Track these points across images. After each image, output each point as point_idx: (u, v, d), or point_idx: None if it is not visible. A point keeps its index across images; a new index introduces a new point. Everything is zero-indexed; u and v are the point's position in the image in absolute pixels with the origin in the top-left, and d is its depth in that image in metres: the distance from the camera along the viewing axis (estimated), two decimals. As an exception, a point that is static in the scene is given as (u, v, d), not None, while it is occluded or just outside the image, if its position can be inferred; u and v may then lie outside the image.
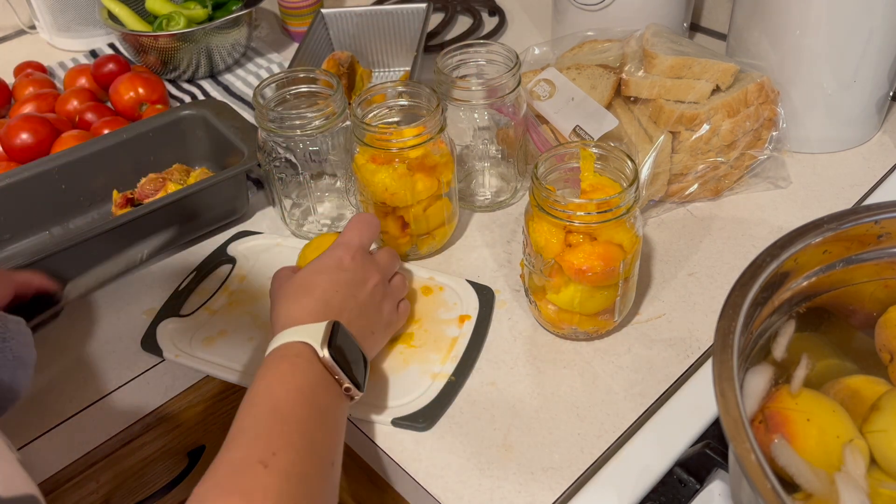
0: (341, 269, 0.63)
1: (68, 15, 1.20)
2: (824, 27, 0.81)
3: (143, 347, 0.72)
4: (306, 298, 0.61)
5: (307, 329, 0.58)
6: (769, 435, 0.50)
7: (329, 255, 0.64)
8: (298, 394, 0.54)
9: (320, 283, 0.62)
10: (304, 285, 0.62)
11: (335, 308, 0.61)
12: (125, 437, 0.68)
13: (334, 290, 0.62)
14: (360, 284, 0.64)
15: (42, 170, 0.84)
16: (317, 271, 0.63)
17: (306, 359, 0.56)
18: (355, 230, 0.67)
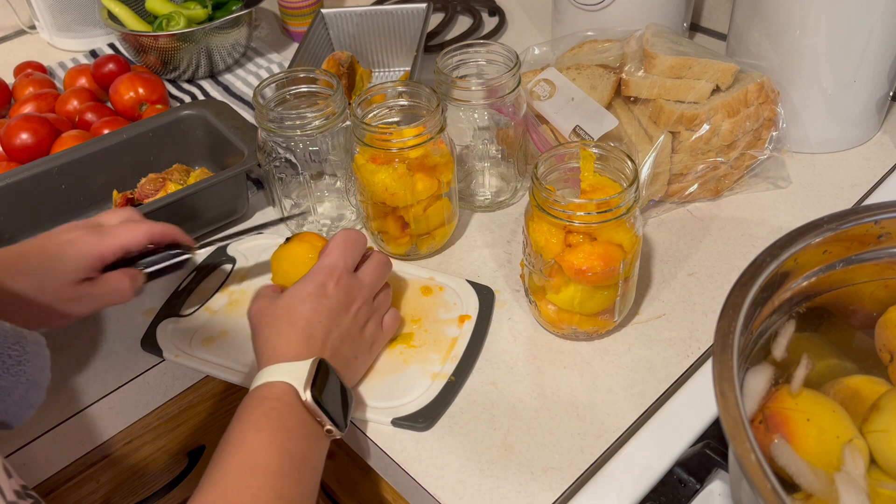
0: (324, 297, 0.62)
1: (68, 15, 1.20)
2: (824, 27, 0.81)
3: (143, 347, 0.72)
4: (290, 330, 0.60)
5: (291, 368, 0.57)
6: (769, 435, 0.50)
7: (312, 280, 0.63)
8: (272, 443, 0.54)
9: (304, 312, 0.61)
10: (288, 314, 0.61)
11: (318, 340, 0.60)
12: (125, 437, 0.68)
13: (318, 321, 0.61)
14: (343, 311, 0.63)
15: (42, 170, 0.84)
16: (301, 300, 0.62)
17: (287, 402, 0.56)
18: (339, 249, 0.65)
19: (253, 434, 0.54)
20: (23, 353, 0.54)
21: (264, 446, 0.53)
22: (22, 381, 0.54)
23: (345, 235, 0.66)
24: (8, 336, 0.53)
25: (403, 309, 0.73)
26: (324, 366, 0.59)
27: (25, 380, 0.54)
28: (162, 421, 0.70)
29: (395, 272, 0.77)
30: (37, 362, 0.55)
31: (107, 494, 0.70)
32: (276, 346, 0.59)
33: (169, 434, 0.72)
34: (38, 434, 0.66)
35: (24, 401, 0.54)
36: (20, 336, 0.54)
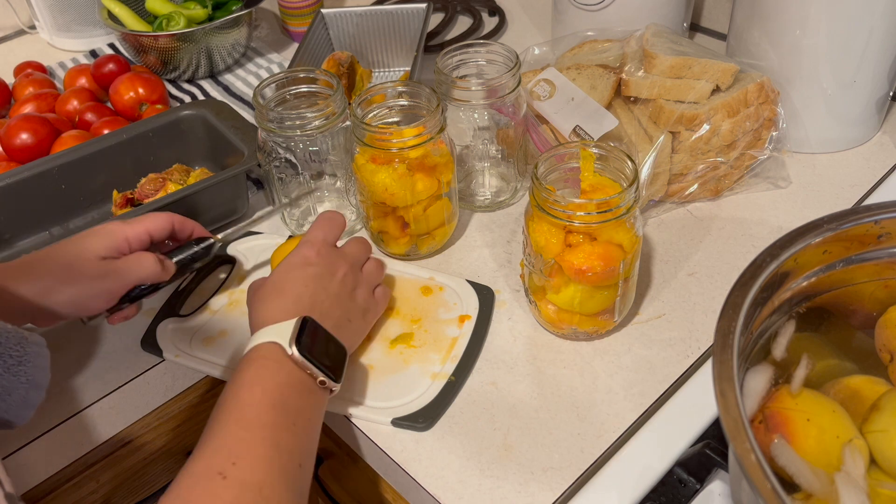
0: (308, 265, 0.64)
1: (68, 15, 1.20)
2: (824, 27, 0.81)
3: (143, 347, 0.72)
4: (278, 298, 0.62)
5: (277, 328, 0.58)
6: (769, 435, 0.50)
7: (294, 254, 0.65)
8: (264, 397, 0.54)
9: (289, 280, 0.63)
10: (275, 286, 0.63)
11: (306, 303, 0.62)
12: (125, 437, 0.68)
13: (303, 286, 0.63)
14: (329, 276, 0.64)
15: (42, 170, 0.84)
16: (285, 271, 0.64)
17: (275, 359, 0.57)
18: (318, 227, 0.68)
19: (245, 391, 0.55)
20: (24, 354, 0.54)
21: (256, 401, 0.54)
22: (22, 381, 0.54)
23: (324, 215, 0.69)
24: (10, 337, 0.54)
25: (403, 309, 0.73)
26: (310, 322, 0.59)
27: (26, 380, 0.54)
28: (162, 421, 0.70)
29: (395, 272, 0.77)
30: (37, 363, 0.55)
31: (107, 494, 0.70)
32: (265, 314, 0.61)
33: (169, 434, 0.72)
34: (38, 434, 0.66)
35: (24, 401, 0.55)
36: (21, 337, 0.55)
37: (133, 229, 0.68)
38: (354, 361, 0.69)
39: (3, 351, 0.53)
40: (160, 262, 0.68)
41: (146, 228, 0.68)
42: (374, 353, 0.69)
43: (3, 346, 0.53)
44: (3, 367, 0.53)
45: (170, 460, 0.74)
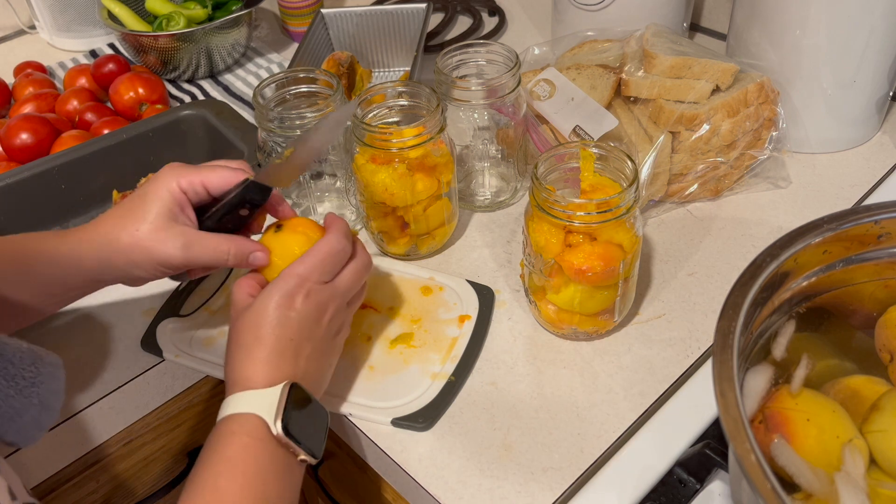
0: (292, 309, 0.57)
1: (68, 15, 1.20)
2: (824, 27, 0.81)
3: (143, 347, 0.72)
4: (258, 349, 0.56)
5: (260, 397, 0.54)
6: (769, 435, 0.50)
7: (280, 290, 0.58)
8: (246, 488, 0.51)
9: (272, 327, 0.57)
10: (256, 329, 0.57)
11: (289, 359, 0.57)
12: (125, 437, 0.68)
13: (287, 337, 0.57)
14: (315, 323, 0.59)
15: (42, 170, 0.84)
16: (267, 313, 0.57)
17: (257, 437, 0.53)
18: (314, 262, 0.59)
19: (226, 478, 0.51)
20: (37, 375, 0.53)
21: (237, 489, 0.51)
22: (34, 402, 0.53)
23: (328, 248, 0.60)
24: (24, 357, 0.53)
25: (403, 309, 0.73)
26: (295, 390, 0.55)
27: (38, 401, 0.53)
28: (162, 421, 0.70)
29: (395, 272, 0.77)
30: (51, 385, 0.54)
31: (107, 494, 0.70)
32: (244, 369, 0.56)
33: (169, 434, 0.72)
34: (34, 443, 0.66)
35: (35, 423, 0.53)
36: (36, 357, 0.54)
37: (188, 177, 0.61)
38: (355, 362, 0.69)
39: (16, 372, 0.52)
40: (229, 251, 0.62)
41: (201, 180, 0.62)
42: (374, 353, 0.69)
43: (15, 367, 0.52)
44: (15, 390, 0.52)
45: (170, 460, 0.74)
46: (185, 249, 0.60)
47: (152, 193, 0.61)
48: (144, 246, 0.60)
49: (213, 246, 0.61)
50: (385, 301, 0.74)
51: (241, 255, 0.62)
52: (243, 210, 0.63)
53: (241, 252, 0.62)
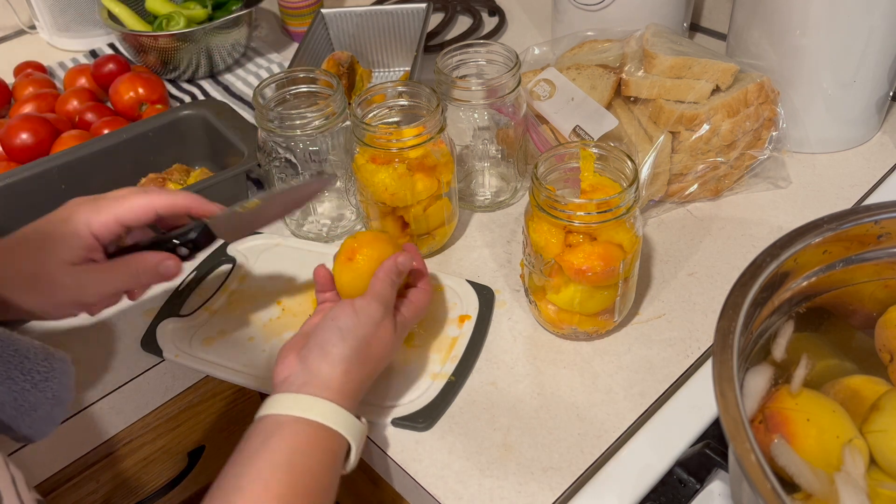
0: (386, 343, 0.59)
1: (68, 15, 1.20)
2: (824, 27, 0.81)
3: (143, 347, 0.72)
4: (360, 368, 0.57)
5: (352, 425, 0.55)
6: (769, 435, 0.50)
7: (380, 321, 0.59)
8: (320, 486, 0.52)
9: (375, 354, 0.58)
10: (364, 348, 0.57)
11: (366, 387, 0.58)
12: (125, 437, 0.68)
13: (376, 367, 0.59)
14: (391, 353, 0.61)
15: (42, 170, 0.84)
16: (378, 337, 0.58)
17: (337, 454, 0.54)
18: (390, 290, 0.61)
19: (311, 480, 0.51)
20: (50, 370, 0.54)
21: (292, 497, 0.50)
22: (48, 396, 0.53)
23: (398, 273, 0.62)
24: (37, 353, 0.53)
25: (403, 309, 0.73)
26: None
27: (51, 395, 0.54)
28: (162, 421, 0.70)
29: (395, 272, 0.77)
30: (62, 379, 0.55)
31: (107, 494, 0.70)
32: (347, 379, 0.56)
33: (169, 434, 0.72)
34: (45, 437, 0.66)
35: (48, 416, 0.54)
36: (48, 353, 0.54)
37: (100, 219, 0.58)
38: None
39: (32, 367, 0.53)
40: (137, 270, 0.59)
41: (116, 218, 0.58)
42: (374, 353, 0.69)
43: (31, 362, 0.53)
44: (31, 384, 0.52)
45: (170, 460, 0.74)
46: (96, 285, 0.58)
47: (57, 235, 0.57)
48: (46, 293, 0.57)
49: (120, 270, 0.59)
50: (385, 301, 0.74)
51: (150, 270, 0.60)
52: (183, 249, 0.61)
53: (147, 266, 0.59)
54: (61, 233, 0.57)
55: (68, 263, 0.57)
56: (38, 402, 0.53)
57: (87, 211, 0.58)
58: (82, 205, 0.59)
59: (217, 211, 0.62)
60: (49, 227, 0.58)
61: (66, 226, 0.57)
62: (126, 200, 0.59)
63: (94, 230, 0.58)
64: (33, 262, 0.57)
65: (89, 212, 0.58)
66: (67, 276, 0.57)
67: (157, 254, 0.60)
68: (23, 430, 0.53)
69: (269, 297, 0.76)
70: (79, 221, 0.58)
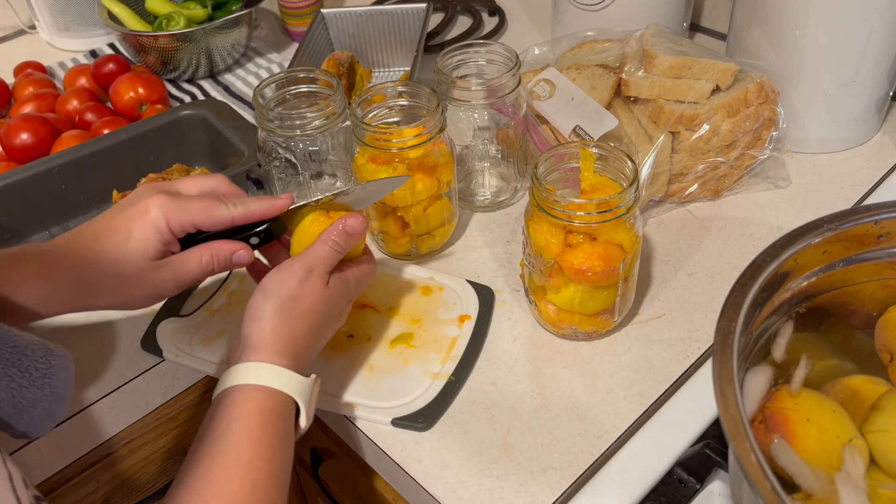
0: (311, 298, 0.59)
1: (68, 15, 1.20)
2: (824, 27, 0.81)
3: (143, 347, 0.72)
4: (285, 324, 0.57)
5: (300, 385, 0.56)
6: (769, 435, 0.50)
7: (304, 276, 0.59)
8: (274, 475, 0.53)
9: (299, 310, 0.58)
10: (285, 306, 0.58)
11: (316, 349, 0.60)
12: (125, 437, 0.68)
13: (307, 322, 0.59)
14: (324, 308, 0.60)
15: (42, 170, 0.84)
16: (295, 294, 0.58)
17: (285, 416, 0.55)
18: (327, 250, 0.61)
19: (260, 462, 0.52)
20: (49, 367, 0.54)
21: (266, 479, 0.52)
22: (46, 393, 0.54)
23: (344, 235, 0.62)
24: (36, 349, 0.54)
25: (403, 309, 0.73)
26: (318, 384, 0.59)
27: (50, 392, 0.54)
28: (162, 421, 0.70)
29: (394, 272, 0.77)
30: (61, 376, 0.55)
31: (107, 494, 0.70)
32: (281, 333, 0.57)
33: (169, 434, 0.72)
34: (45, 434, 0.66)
35: (47, 413, 0.54)
36: (47, 350, 0.54)
37: (179, 219, 0.59)
38: (355, 362, 0.69)
39: (30, 364, 0.53)
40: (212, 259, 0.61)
41: (194, 223, 0.60)
42: (374, 353, 0.69)
43: (29, 359, 0.53)
44: (29, 381, 0.53)
45: (170, 460, 0.74)
46: (175, 279, 0.60)
47: (138, 233, 0.58)
48: (133, 288, 0.59)
49: (196, 261, 0.60)
50: (385, 301, 0.74)
51: (225, 259, 0.62)
52: (255, 238, 0.63)
53: (222, 256, 0.61)
54: (141, 229, 0.58)
55: (150, 259, 0.59)
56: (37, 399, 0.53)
57: (166, 208, 0.59)
58: (160, 198, 0.59)
59: (288, 204, 0.63)
60: (129, 224, 0.59)
61: (145, 220, 0.58)
62: (206, 211, 0.60)
63: (172, 227, 0.59)
64: (116, 261, 0.58)
65: (168, 209, 0.59)
66: (150, 273, 0.59)
67: (231, 244, 0.62)
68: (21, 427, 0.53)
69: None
70: (159, 217, 0.59)
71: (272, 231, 0.63)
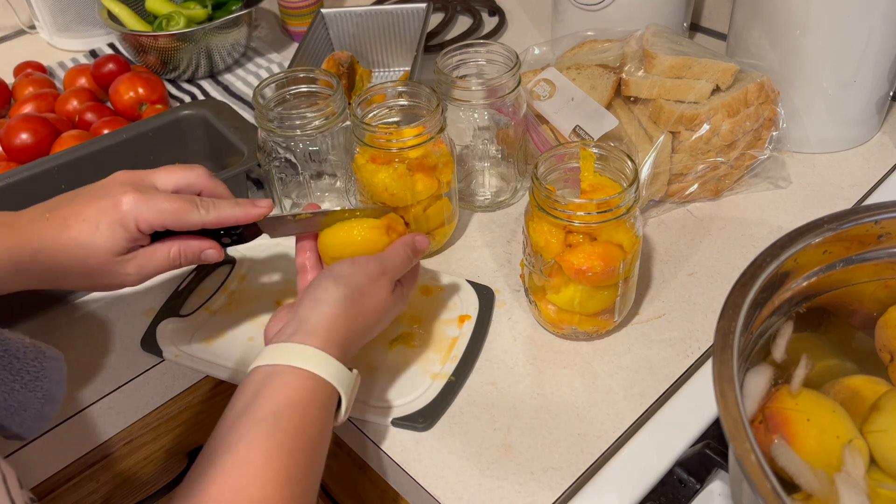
0: (377, 299, 0.59)
1: (68, 15, 1.20)
2: (824, 27, 0.81)
3: (143, 347, 0.72)
4: (347, 316, 0.57)
5: (343, 377, 0.55)
6: (769, 435, 0.50)
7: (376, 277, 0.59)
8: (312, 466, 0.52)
9: (364, 308, 0.58)
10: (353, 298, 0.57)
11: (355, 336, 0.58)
12: (125, 437, 0.68)
13: (364, 321, 0.58)
14: (384, 315, 0.61)
15: (42, 170, 0.84)
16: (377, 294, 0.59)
17: (326, 405, 0.53)
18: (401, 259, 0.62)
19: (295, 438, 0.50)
20: (40, 369, 0.54)
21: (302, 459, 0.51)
22: (38, 395, 0.54)
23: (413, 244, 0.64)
24: (28, 351, 0.54)
25: (403, 309, 0.73)
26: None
27: (42, 395, 0.54)
28: (162, 421, 0.70)
29: (395, 272, 0.77)
30: (53, 377, 0.55)
31: (107, 494, 0.70)
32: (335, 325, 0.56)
33: (169, 434, 0.72)
34: (38, 434, 0.66)
35: (39, 415, 0.54)
36: (39, 351, 0.54)
37: (147, 217, 0.58)
38: (355, 362, 0.69)
39: (21, 367, 0.53)
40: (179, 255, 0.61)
41: (163, 222, 0.59)
42: (374, 353, 0.69)
43: (20, 362, 0.53)
44: (21, 383, 0.53)
45: (170, 460, 0.74)
46: (140, 272, 0.60)
47: (104, 227, 0.58)
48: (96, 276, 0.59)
49: (163, 256, 0.60)
50: (385, 301, 0.74)
51: (193, 256, 0.62)
52: (227, 239, 0.63)
53: (190, 252, 0.61)
54: (109, 225, 0.58)
55: (115, 255, 0.58)
56: (28, 402, 0.53)
57: (137, 208, 0.58)
58: (131, 197, 0.59)
59: (265, 213, 0.63)
60: (98, 217, 0.58)
61: (114, 217, 0.58)
62: (178, 215, 0.59)
63: (141, 227, 0.59)
64: (82, 253, 0.58)
65: (139, 210, 0.58)
66: (114, 266, 0.59)
67: (202, 241, 0.62)
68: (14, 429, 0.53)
69: (269, 297, 0.76)
70: (128, 216, 0.58)
71: (245, 234, 0.63)
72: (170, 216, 0.59)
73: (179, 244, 0.61)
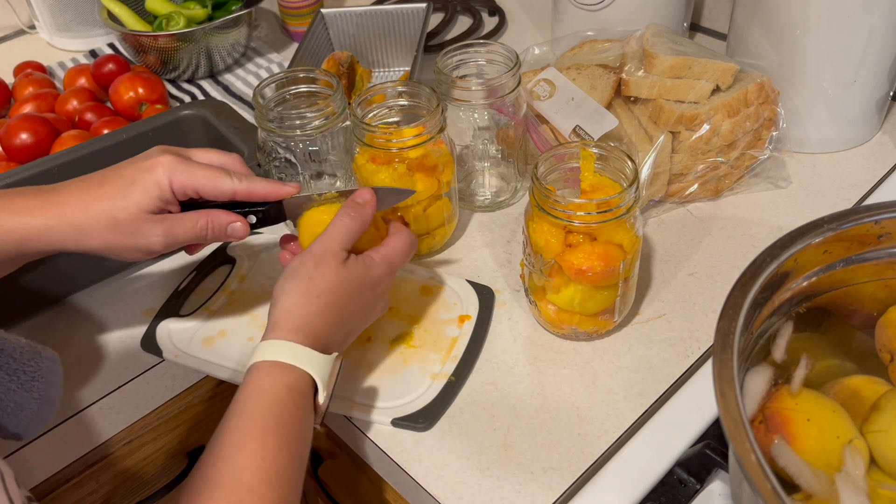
0: (327, 277, 0.59)
1: (68, 15, 1.20)
2: (824, 27, 0.81)
3: (143, 347, 0.72)
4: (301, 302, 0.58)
5: (317, 360, 0.56)
6: (769, 435, 0.50)
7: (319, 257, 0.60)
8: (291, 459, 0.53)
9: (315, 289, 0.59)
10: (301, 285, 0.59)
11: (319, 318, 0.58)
12: (125, 437, 0.68)
13: (323, 301, 0.59)
14: (370, 309, 0.63)
15: (42, 170, 0.84)
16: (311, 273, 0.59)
17: (303, 394, 0.55)
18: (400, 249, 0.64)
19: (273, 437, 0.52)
20: (37, 370, 0.54)
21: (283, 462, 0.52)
22: (34, 396, 0.54)
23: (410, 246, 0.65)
24: (24, 352, 0.54)
25: (403, 309, 0.73)
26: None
27: (38, 395, 0.54)
28: (162, 421, 0.70)
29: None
30: (50, 378, 0.55)
31: (107, 494, 0.70)
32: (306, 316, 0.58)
33: (169, 434, 0.72)
34: (37, 434, 0.66)
35: (35, 416, 0.54)
36: (35, 352, 0.55)
37: (181, 181, 0.60)
38: (355, 362, 0.69)
39: (18, 367, 0.53)
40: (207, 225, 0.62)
41: (196, 188, 0.61)
42: (374, 353, 0.69)
43: (17, 362, 0.53)
44: (17, 384, 0.53)
45: (169, 460, 0.74)
46: (166, 235, 0.61)
47: (140, 183, 0.59)
48: (123, 235, 0.60)
49: (191, 224, 0.61)
50: (385, 301, 0.74)
51: (220, 229, 0.62)
52: (252, 217, 0.64)
53: (218, 225, 0.62)
54: (143, 181, 0.60)
55: (145, 211, 0.59)
56: (24, 402, 0.53)
57: (173, 168, 0.60)
58: (169, 159, 0.61)
59: (293, 192, 0.64)
60: (134, 174, 0.60)
61: (150, 175, 0.60)
62: (211, 179, 0.61)
63: (174, 187, 0.60)
64: (116, 203, 0.59)
65: (174, 169, 0.60)
66: (142, 224, 0.59)
67: (229, 214, 0.63)
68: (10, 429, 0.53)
69: (269, 297, 0.76)
70: (163, 175, 0.60)
71: (271, 213, 0.64)
72: (203, 179, 0.61)
73: (208, 215, 0.62)
